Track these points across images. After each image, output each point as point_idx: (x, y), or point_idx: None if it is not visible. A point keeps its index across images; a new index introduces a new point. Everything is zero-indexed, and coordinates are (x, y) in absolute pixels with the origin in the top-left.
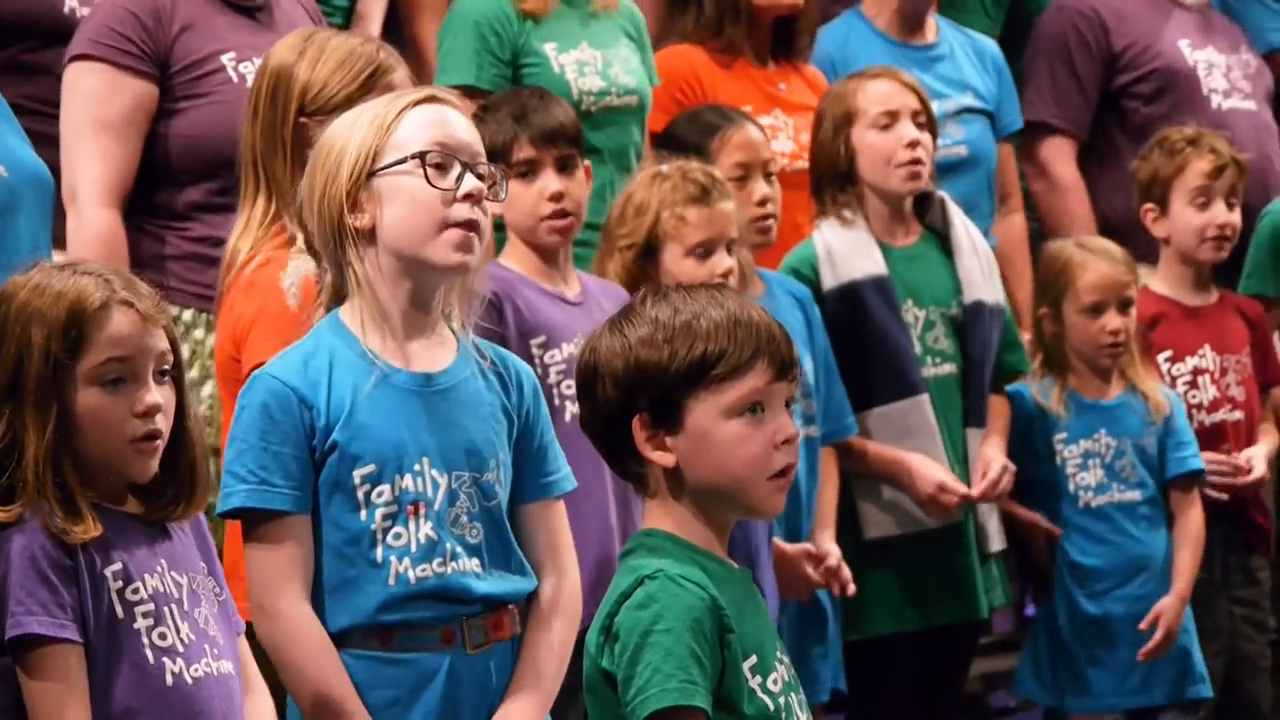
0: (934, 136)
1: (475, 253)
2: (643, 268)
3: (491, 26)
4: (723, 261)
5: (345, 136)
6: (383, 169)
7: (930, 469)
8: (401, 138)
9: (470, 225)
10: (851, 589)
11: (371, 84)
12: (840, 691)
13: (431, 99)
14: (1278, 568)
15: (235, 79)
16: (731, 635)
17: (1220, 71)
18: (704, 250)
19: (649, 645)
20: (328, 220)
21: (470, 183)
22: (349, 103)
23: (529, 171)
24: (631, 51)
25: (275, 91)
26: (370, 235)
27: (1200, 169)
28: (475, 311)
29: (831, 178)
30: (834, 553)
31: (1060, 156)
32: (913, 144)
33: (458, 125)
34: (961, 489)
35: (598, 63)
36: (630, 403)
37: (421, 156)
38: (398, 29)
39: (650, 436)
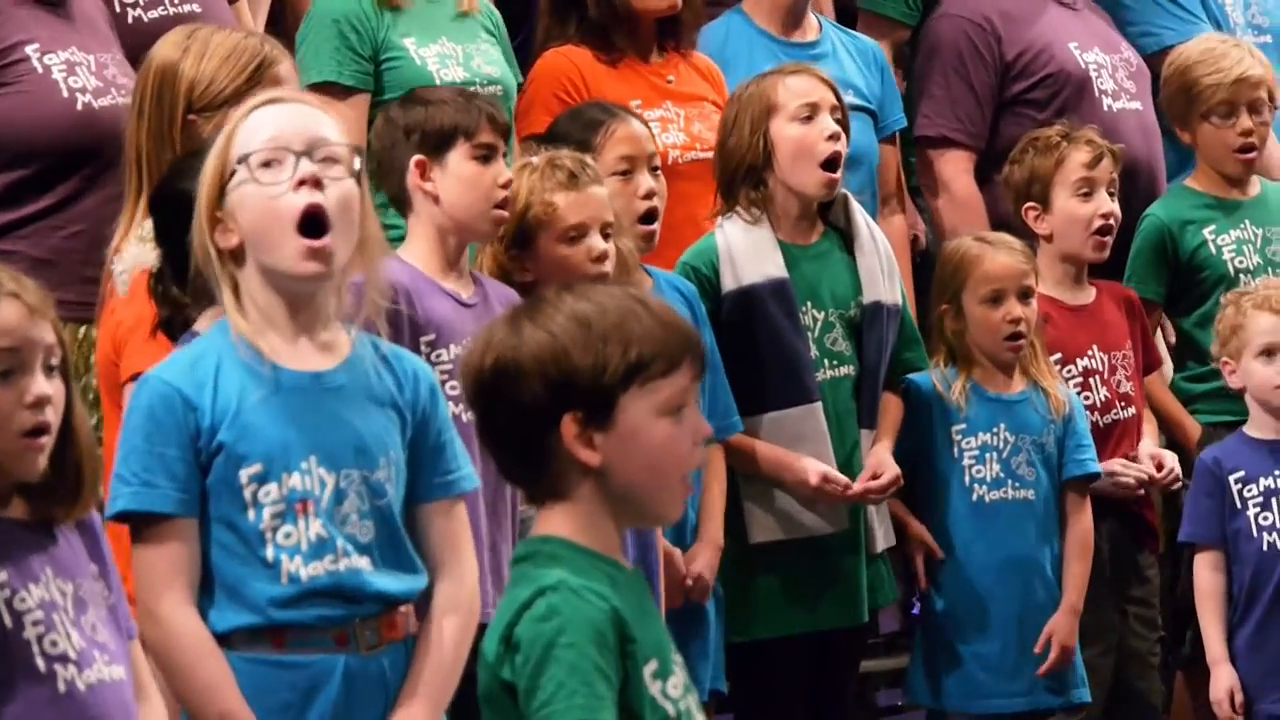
0: (847, 134)
1: (329, 258)
2: (517, 258)
3: (350, 23)
4: (597, 244)
5: (207, 161)
6: (228, 185)
7: (815, 463)
8: (238, 149)
9: (313, 218)
10: (705, 601)
11: (258, 77)
12: (719, 692)
13: (271, 101)
14: (1166, 565)
15: (40, 70)
16: (633, 645)
17: (1108, 72)
18: (577, 234)
19: (552, 659)
20: (200, 245)
21: (305, 168)
22: (237, 96)
23: (488, 156)
24: (492, 46)
25: (161, 90)
26: (240, 251)
27: (1080, 160)
28: (374, 303)
29: (746, 173)
30: (699, 566)
31: (960, 171)
32: (834, 136)
33: (293, 117)
34: (845, 479)
35: (459, 55)
36: (560, 401)
37: (246, 160)
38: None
39: (579, 434)
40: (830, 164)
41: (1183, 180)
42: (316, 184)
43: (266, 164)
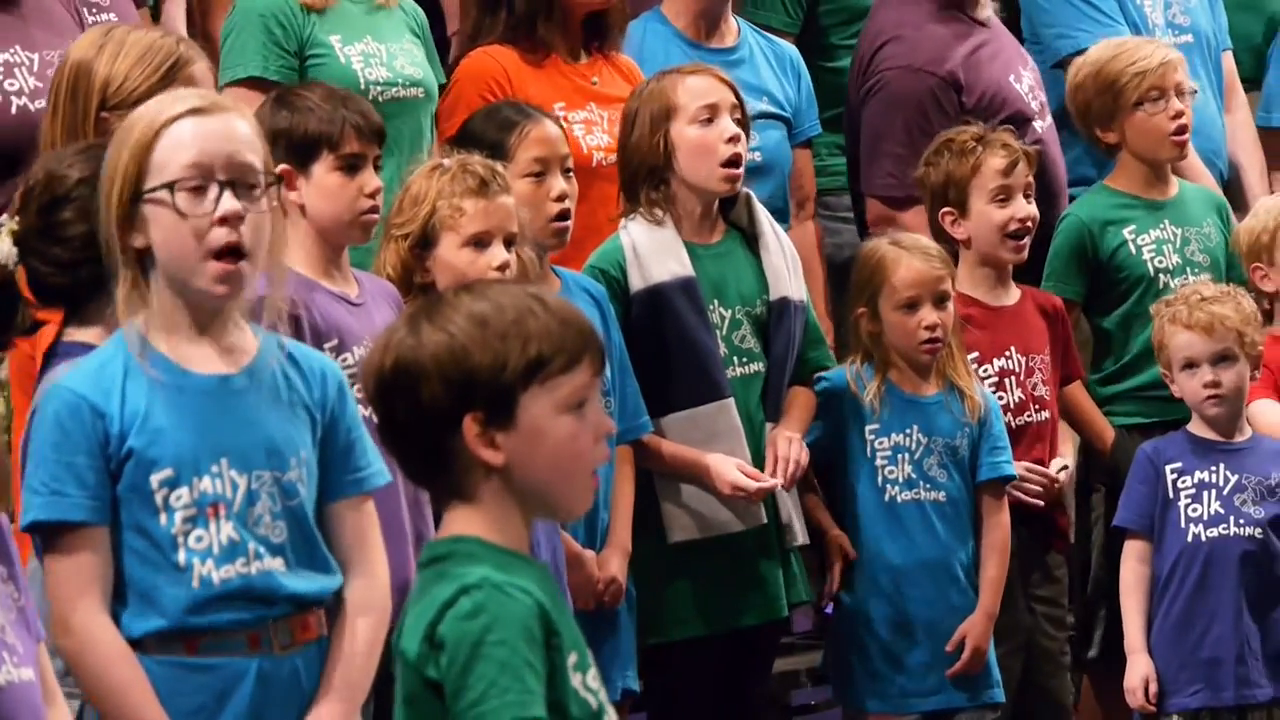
0: (746, 135)
1: (241, 281)
2: (419, 257)
3: (276, 19)
4: (499, 254)
5: (119, 150)
6: (146, 194)
7: (726, 469)
8: (160, 159)
9: (230, 250)
10: (616, 606)
11: (172, 76)
12: (632, 691)
13: (195, 110)
14: (1074, 565)
15: None
16: (558, 638)
17: (1032, 92)
18: (480, 242)
19: (481, 657)
20: (110, 239)
21: (226, 205)
22: (151, 94)
23: (354, 165)
24: (415, 46)
25: (75, 87)
26: (148, 252)
27: (996, 166)
28: (276, 307)
29: (647, 174)
30: (612, 570)
31: (924, 224)
32: (733, 139)
33: (220, 137)
34: (754, 485)
35: (383, 55)
36: (460, 402)
37: (171, 186)
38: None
39: (481, 434)
40: (731, 163)
41: (1102, 180)
42: (239, 219)
43: (193, 189)
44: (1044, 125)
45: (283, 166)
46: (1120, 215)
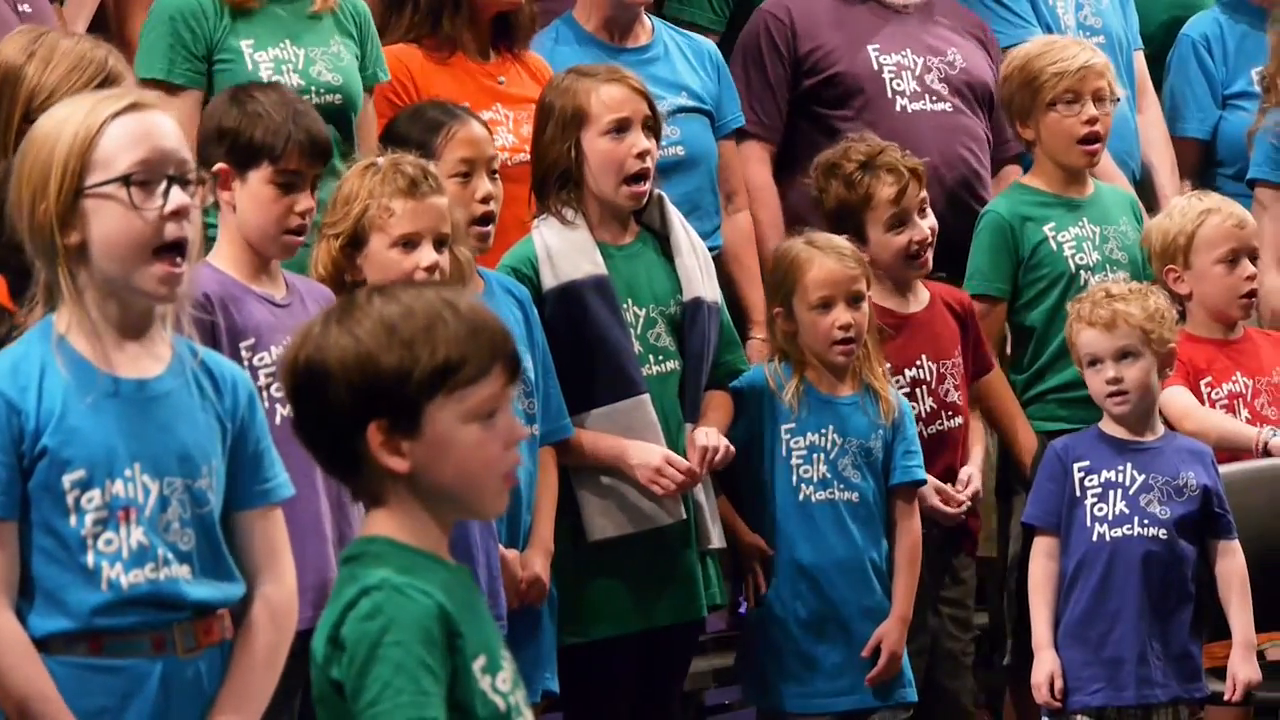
0: (658, 140)
1: (181, 284)
2: (349, 256)
3: (186, 21)
4: (427, 255)
5: (49, 148)
6: (89, 189)
7: (647, 454)
8: (105, 155)
9: (177, 248)
10: (541, 604)
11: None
12: (552, 693)
13: (133, 106)
14: (992, 567)
15: None
16: (461, 640)
17: (911, 74)
18: (409, 243)
19: (377, 658)
20: (39, 236)
21: (177, 199)
22: None
23: (290, 183)
24: (345, 48)
25: (0, 92)
26: (81, 249)
27: (886, 196)
28: (185, 311)
29: (556, 177)
30: (535, 569)
31: (753, 161)
32: (643, 154)
33: (162, 134)
34: (678, 474)
35: (298, 60)
36: (365, 408)
37: (125, 180)
38: (105, 27)
39: (385, 442)
40: (638, 178)
41: (1019, 178)
42: (187, 215)
43: (142, 184)
44: (915, 108)
45: (221, 165)
46: (1040, 212)
